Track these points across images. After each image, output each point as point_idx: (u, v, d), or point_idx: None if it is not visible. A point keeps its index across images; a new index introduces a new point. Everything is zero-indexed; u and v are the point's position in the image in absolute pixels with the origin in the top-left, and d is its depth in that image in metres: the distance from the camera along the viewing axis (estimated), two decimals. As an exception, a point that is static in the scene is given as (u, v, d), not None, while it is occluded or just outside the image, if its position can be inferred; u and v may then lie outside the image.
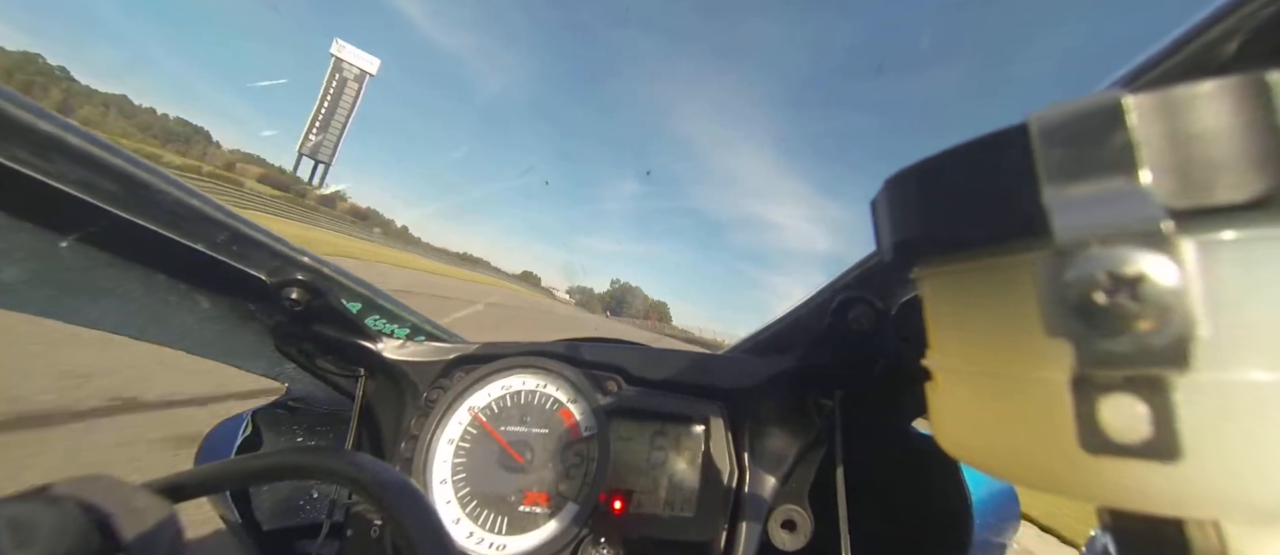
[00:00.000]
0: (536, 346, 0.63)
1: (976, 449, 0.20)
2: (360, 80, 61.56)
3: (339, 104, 59.94)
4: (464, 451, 0.57)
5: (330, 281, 0.55)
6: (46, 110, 0.36)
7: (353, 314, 0.58)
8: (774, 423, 0.59)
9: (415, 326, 0.63)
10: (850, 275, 0.51)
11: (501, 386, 0.60)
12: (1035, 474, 0.17)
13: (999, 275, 0.18)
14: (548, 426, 0.57)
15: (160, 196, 0.42)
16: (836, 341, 0.54)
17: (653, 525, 0.53)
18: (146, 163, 0.41)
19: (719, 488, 0.54)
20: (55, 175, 0.37)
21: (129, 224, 0.42)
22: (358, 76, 61.60)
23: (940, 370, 0.22)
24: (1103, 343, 0.14)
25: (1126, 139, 0.14)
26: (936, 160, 0.18)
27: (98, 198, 0.39)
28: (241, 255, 0.49)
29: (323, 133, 57.99)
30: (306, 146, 55.99)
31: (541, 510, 0.53)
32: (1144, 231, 0.13)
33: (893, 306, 0.49)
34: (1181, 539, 0.16)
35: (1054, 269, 0.15)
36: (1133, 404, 0.14)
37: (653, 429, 0.57)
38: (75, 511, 0.23)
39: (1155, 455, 0.14)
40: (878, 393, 0.56)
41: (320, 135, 57.43)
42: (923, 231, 0.20)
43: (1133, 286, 0.13)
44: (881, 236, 0.23)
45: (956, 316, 0.21)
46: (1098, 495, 0.16)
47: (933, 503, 0.59)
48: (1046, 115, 0.15)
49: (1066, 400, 0.15)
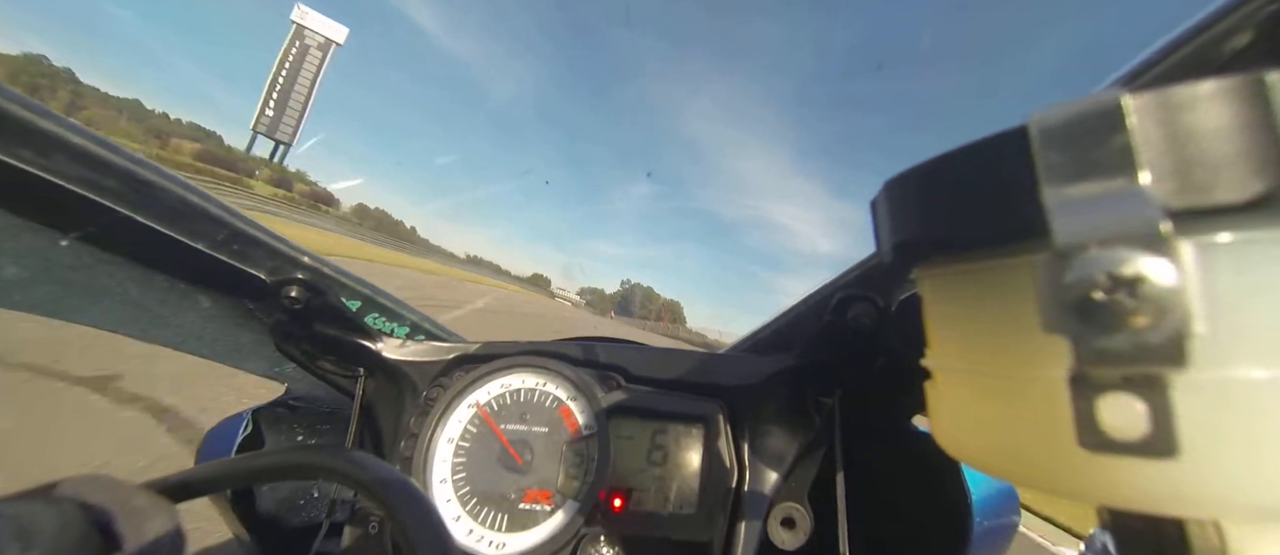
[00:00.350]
0: (536, 346, 0.63)
1: (975, 448, 0.20)
2: (324, 49, 53.53)
3: (299, 76, 51.36)
4: (464, 450, 0.57)
5: (330, 281, 0.55)
6: (47, 108, 0.36)
7: (352, 313, 0.58)
8: (774, 421, 0.59)
9: (415, 325, 0.63)
10: (851, 274, 0.51)
11: (501, 385, 0.60)
12: (1034, 473, 0.17)
13: (998, 276, 0.18)
14: (548, 425, 0.57)
15: (161, 195, 0.42)
16: (837, 340, 0.54)
17: (653, 523, 0.53)
18: (148, 161, 0.41)
19: (719, 486, 0.54)
20: (55, 173, 0.37)
21: (129, 222, 0.42)
22: (322, 45, 53.75)
23: (939, 370, 0.22)
24: (1101, 342, 0.14)
25: (1126, 140, 0.14)
26: (936, 162, 0.18)
27: (98, 195, 0.39)
28: (241, 254, 0.49)
29: (281, 108, 49.08)
30: (262, 123, 46.85)
31: (542, 508, 0.53)
32: (1143, 232, 0.13)
33: (893, 305, 0.49)
34: (1181, 538, 0.16)
35: (1053, 270, 0.15)
36: (1131, 402, 0.14)
37: (653, 427, 0.57)
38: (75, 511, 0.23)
39: (1154, 453, 0.14)
40: (878, 391, 0.57)
41: (278, 111, 48.46)
42: (922, 233, 0.20)
43: (1131, 286, 0.13)
44: (881, 237, 0.23)
45: (956, 316, 0.21)
46: (1097, 494, 0.16)
47: (933, 501, 0.59)
48: (1046, 117, 0.15)
49: (1065, 399, 0.15)
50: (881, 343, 0.51)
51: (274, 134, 47.90)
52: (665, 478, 0.55)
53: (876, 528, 0.55)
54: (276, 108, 50.46)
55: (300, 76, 52.13)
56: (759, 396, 0.58)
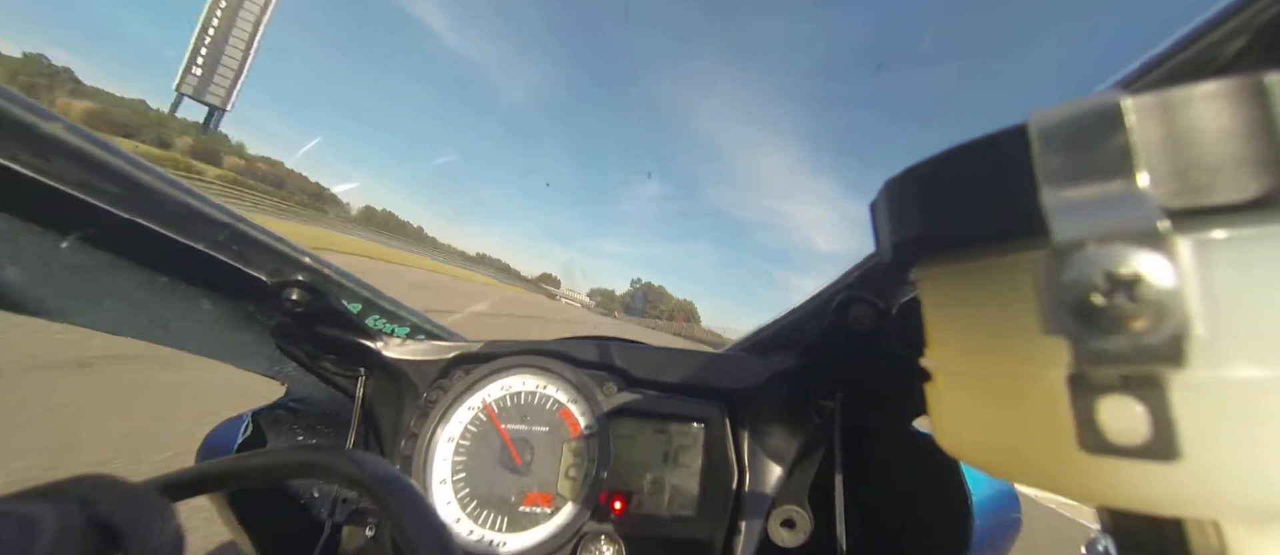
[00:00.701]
0: (537, 346, 0.63)
1: (975, 448, 0.20)
2: (263, 3, 43.33)
3: (232, 31, 40.60)
4: (464, 450, 0.57)
5: (330, 282, 0.55)
6: (47, 109, 0.36)
7: (353, 314, 0.58)
8: (774, 422, 0.59)
9: (416, 326, 0.63)
10: (851, 275, 0.51)
11: (502, 386, 0.60)
12: (1034, 473, 0.17)
13: (997, 276, 0.18)
14: (548, 426, 0.57)
15: (160, 196, 0.42)
16: (837, 341, 0.54)
17: (653, 524, 0.53)
18: (146, 163, 0.41)
19: (719, 487, 0.54)
20: (55, 175, 0.37)
21: (129, 224, 0.42)
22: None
23: (939, 370, 0.22)
24: (1100, 342, 0.14)
25: (1124, 140, 0.14)
26: (935, 161, 0.18)
27: (98, 198, 0.40)
28: (242, 255, 0.49)
29: (211, 67, 38.02)
30: (187, 84, 36.23)
31: (542, 509, 0.53)
32: (1142, 232, 0.13)
33: (893, 306, 0.49)
34: (1181, 539, 0.16)
35: (1052, 269, 0.15)
36: (1130, 404, 0.14)
37: (653, 428, 0.57)
38: (76, 511, 0.23)
39: (1153, 455, 0.14)
40: (878, 392, 0.56)
41: (207, 70, 37.56)
42: (921, 232, 0.20)
43: (1130, 287, 0.13)
44: (881, 238, 0.23)
45: (955, 317, 0.21)
46: (1097, 495, 0.16)
47: (934, 502, 0.59)
48: (1045, 116, 0.15)
49: (1064, 400, 0.15)
50: (882, 344, 0.51)
51: (203, 97, 37.55)
52: (666, 478, 0.55)
53: (877, 528, 0.55)
54: (205, 66, 39.62)
55: (235, 31, 41.43)
56: (760, 397, 0.58)
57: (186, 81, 37.01)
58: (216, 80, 36.74)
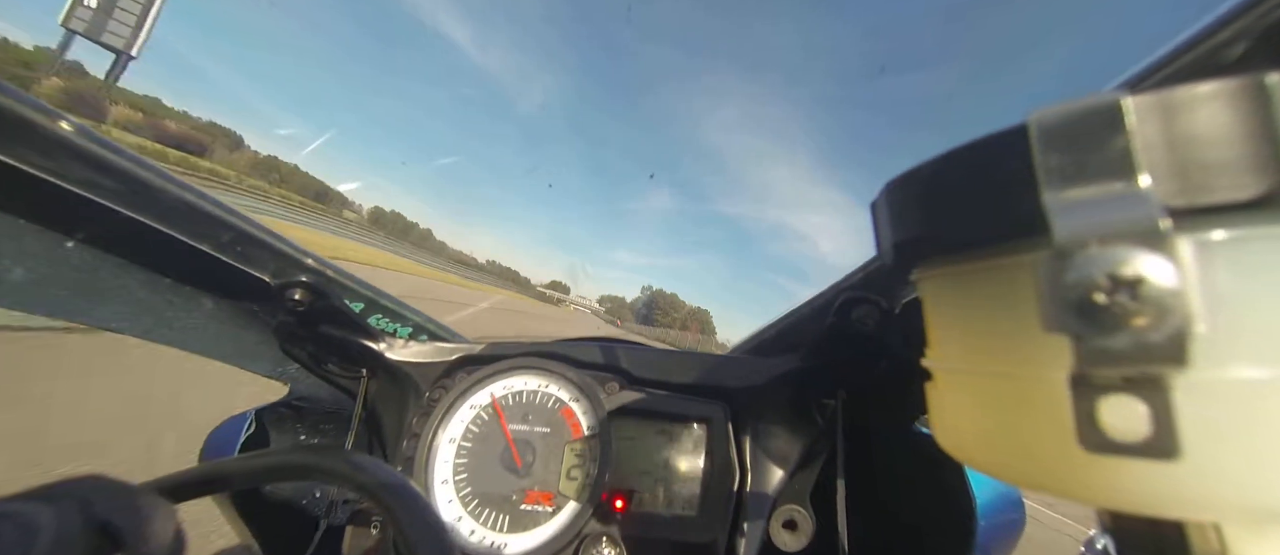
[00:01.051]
0: (539, 346, 0.63)
1: (976, 449, 0.20)
2: None
3: None
4: (466, 450, 0.57)
5: (333, 282, 0.55)
6: (53, 108, 0.36)
7: (356, 314, 0.58)
8: (777, 423, 0.59)
9: (418, 326, 0.64)
10: (854, 276, 0.51)
11: (504, 387, 0.60)
12: (1035, 474, 0.17)
13: (998, 276, 0.18)
14: (550, 426, 0.57)
15: (164, 196, 0.42)
16: (840, 342, 0.54)
17: (655, 524, 0.53)
18: (151, 163, 0.42)
19: (721, 487, 0.54)
20: (60, 175, 0.38)
21: (134, 224, 0.42)
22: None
23: (940, 370, 0.22)
24: (1102, 342, 0.14)
25: (1125, 140, 0.14)
26: (935, 162, 0.18)
27: (103, 197, 0.40)
28: (245, 256, 0.49)
29: (108, 2, 27.80)
30: (75, 19, 26.24)
31: (543, 509, 0.53)
32: (1142, 232, 0.13)
33: (896, 307, 0.49)
34: (1181, 540, 0.16)
35: (1053, 270, 0.15)
36: (1132, 404, 0.14)
37: (655, 428, 0.57)
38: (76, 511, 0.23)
39: (1155, 454, 0.14)
40: (881, 393, 0.56)
41: (102, 5, 27.34)
42: (922, 233, 0.20)
43: (1132, 286, 0.13)
44: (882, 239, 0.23)
45: (956, 317, 0.21)
46: (1098, 496, 0.16)
47: (937, 503, 0.59)
48: (1046, 116, 0.15)
49: (1066, 400, 0.15)
50: (884, 345, 0.51)
51: (99, 37, 27.82)
52: (668, 479, 0.55)
53: (880, 529, 0.55)
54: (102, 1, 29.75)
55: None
56: (762, 398, 0.58)
57: (76, 17, 27.09)
58: (117, 17, 27.12)
